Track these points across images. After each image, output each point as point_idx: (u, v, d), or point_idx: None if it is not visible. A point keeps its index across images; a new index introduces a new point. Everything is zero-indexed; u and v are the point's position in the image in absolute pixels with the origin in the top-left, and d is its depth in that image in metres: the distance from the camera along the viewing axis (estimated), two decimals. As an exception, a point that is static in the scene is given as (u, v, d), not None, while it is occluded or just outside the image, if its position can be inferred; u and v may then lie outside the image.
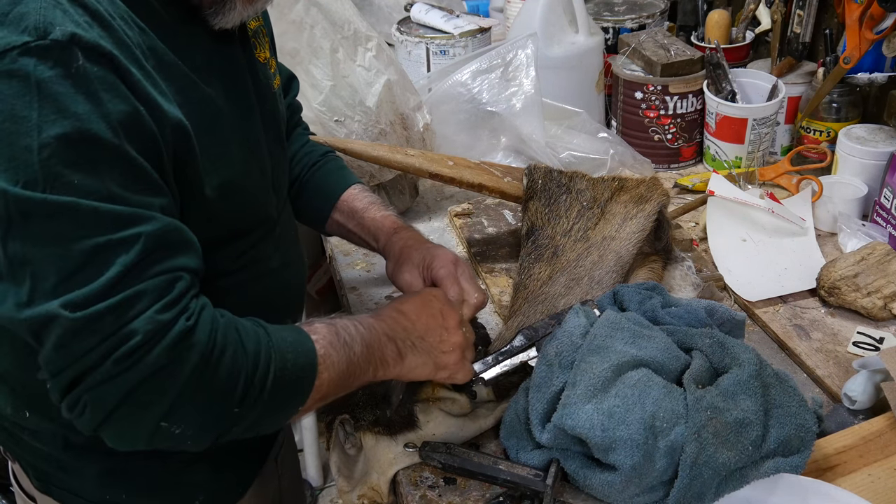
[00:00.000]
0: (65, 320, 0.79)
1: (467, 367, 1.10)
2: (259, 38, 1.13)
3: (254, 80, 1.08)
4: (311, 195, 1.33)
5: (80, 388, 0.81)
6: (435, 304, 1.09)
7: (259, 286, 1.10)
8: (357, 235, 1.32)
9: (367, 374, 1.00)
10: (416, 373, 1.06)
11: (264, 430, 0.95)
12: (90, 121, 0.80)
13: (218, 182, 0.97)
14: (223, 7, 0.96)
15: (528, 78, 1.72)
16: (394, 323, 1.05)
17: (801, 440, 1.01)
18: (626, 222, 1.37)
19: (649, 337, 1.08)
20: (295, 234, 1.24)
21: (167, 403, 0.82)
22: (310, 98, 1.58)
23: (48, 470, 1.10)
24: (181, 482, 1.09)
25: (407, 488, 1.09)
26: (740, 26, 1.96)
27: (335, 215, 1.32)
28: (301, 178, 1.33)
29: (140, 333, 0.80)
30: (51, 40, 0.79)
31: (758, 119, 1.71)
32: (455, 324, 1.08)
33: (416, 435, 1.12)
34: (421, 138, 1.69)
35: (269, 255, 1.11)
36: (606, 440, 0.97)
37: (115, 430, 0.84)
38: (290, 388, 0.92)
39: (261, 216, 1.09)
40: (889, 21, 1.55)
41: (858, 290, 1.34)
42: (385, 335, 1.03)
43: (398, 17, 2.11)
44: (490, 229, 1.61)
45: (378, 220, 1.28)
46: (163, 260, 0.84)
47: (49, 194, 0.79)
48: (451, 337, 1.07)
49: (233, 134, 1.01)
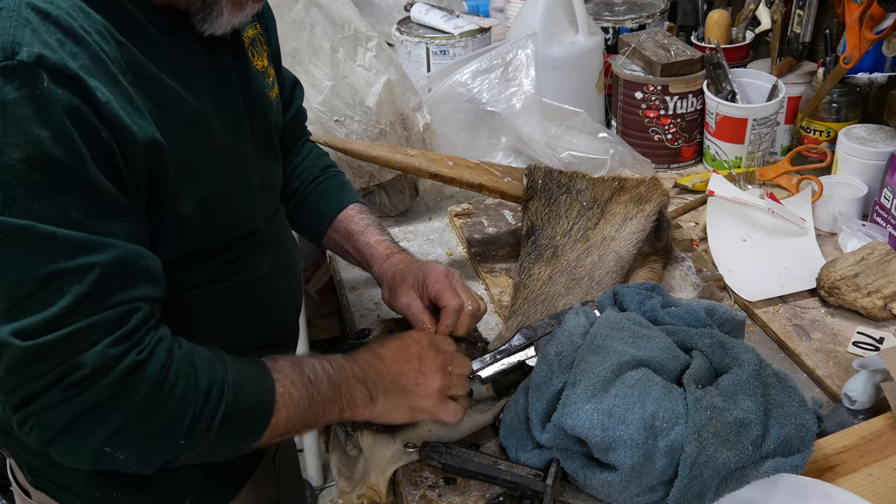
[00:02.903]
0: (15, 348, 0.80)
1: (451, 409, 1.08)
2: (257, 46, 1.12)
3: (245, 88, 1.07)
4: (308, 211, 1.32)
5: (28, 409, 0.83)
6: (413, 348, 1.08)
7: (248, 293, 1.09)
8: (352, 256, 1.31)
9: (333, 414, 1.00)
10: (389, 416, 1.06)
11: (216, 459, 0.97)
12: (52, 145, 0.80)
13: (198, 196, 0.96)
14: (210, 14, 0.95)
15: (528, 78, 1.73)
16: (366, 365, 1.04)
17: (801, 440, 1.01)
18: (626, 222, 1.37)
19: (649, 337, 1.08)
20: (286, 237, 1.23)
21: (109, 432, 0.84)
22: (310, 98, 1.58)
23: (41, 466, 1.11)
24: (171, 480, 1.09)
25: (407, 488, 1.09)
26: (740, 26, 1.96)
27: (331, 234, 1.31)
28: (300, 193, 1.33)
29: (88, 366, 0.82)
30: (17, 61, 0.79)
31: (758, 119, 1.71)
32: (434, 368, 1.06)
33: (413, 432, 1.12)
34: (421, 138, 1.69)
35: (256, 262, 1.11)
36: (606, 440, 0.97)
37: (60, 450, 0.86)
38: (241, 423, 0.93)
39: (246, 227, 1.08)
40: (889, 21, 1.55)
41: (858, 290, 1.34)
42: (354, 377, 1.02)
43: (398, 17, 2.11)
44: (490, 229, 1.61)
45: (372, 246, 1.27)
46: (119, 290, 0.84)
47: (7, 217, 0.80)
48: (427, 381, 1.06)
49: (218, 146, 1.00)
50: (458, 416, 1.09)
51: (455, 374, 1.09)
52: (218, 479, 1.16)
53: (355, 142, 1.51)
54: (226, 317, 1.07)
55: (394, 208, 1.72)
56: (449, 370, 1.08)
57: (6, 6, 0.82)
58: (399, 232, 1.67)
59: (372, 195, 1.69)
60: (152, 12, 0.93)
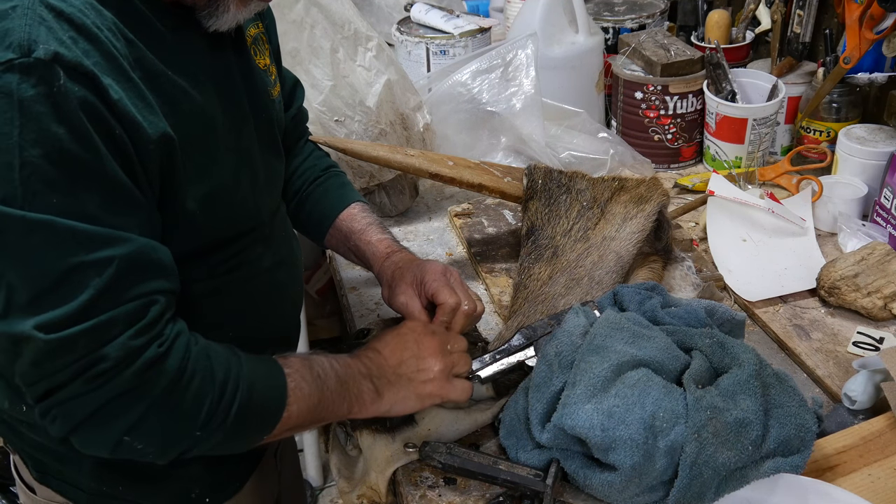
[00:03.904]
0: (39, 341, 0.82)
1: (458, 387, 1.10)
2: (259, 45, 1.13)
3: (249, 86, 1.07)
4: (310, 210, 1.33)
5: (51, 400, 0.85)
6: (410, 336, 1.10)
7: (251, 287, 1.10)
8: (353, 255, 1.32)
9: (342, 410, 1.03)
10: (399, 407, 1.08)
11: (228, 451, 0.99)
12: (70, 141, 0.81)
13: (203, 192, 0.97)
14: (216, 9, 0.96)
15: (528, 78, 1.73)
16: (369, 362, 1.06)
17: (801, 440, 1.01)
18: (626, 222, 1.37)
19: (649, 337, 1.08)
20: (287, 232, 1.24)
21: (130, 422, 0.86)
22: (310, 98, 1.58)
23: (46, 461, 1.12)
24: (175, 476, 1.10)
25: (407, 488, 1.09)
26: (740, 26, 1.96)
27: (333, 233, 1.32)
28: (302, 192, 1.34)
29: (111, 359, 0.83)
30: (34, 58, 0.80)
31: (758, 119, 1.71)
32: (432, 350, 1.08)
33: (412, 431, 1.12)
34: (421, 138, 1.69)
35: (259, 256, 1.11)
36: (606, 440, 0.97)
37: (81, 439, 0.89)
38: (255, 417, 0.95)
39: (250, 222, 1.09)
40: (889, 21, 1.55)
41: (858, 290, 1.34)
42: (360, 373, 1.05)
43: (398, 17, 2.11)
44: (490, 229, 1.61)
45: (373, 244, 1.28)
46: (136, 283, 0.86)
47: (27, 211, 0.81)
48: (428, 365, 1.08)
49: (224, 142, 1.01)
50: (466, 392, 1.10)
51: (455, 352, 1.11)
52: (221, 475, 1.17)
53: (355, 142, 1.51)
54: (229, 311, 1.08)
55: (394, 208, 1.72)
56: (448, 349, 1.10)
57: (20, 4, 0.83)
58: (399, 232, 1.67)
59: (372, 195, 1.69)
60: (159, 9, 0.93)
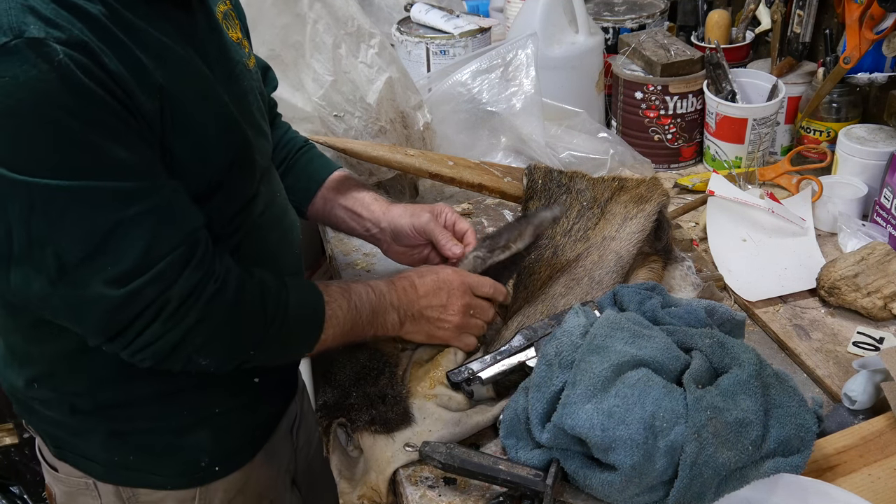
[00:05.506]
0: (113, 297, 0.91)
1: (464, 341, 1.22)
2: (229, 20, 1.16)
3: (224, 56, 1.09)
4: (297, 175, 1.37)
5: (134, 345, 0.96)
6: (445, 287, 1.20)
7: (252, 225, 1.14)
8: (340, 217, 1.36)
9: (368, 333, 1.17)
10: (411, 336, 1.21)
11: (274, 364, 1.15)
12: (84, 107, 0.85)
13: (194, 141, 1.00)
14: None
15: (528, 78, 1.72)
16: (402, 294, 1.18)
17: (801, 440, 1.01)
18: (626, 222, 1.37)
19: (649, 337, 1.08)
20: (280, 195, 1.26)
21: (199, 347, 0.99)
22: (310, 92, 1.58)
23: (61, 436, 1.17)
24: (183, 446, 1.17)
25: (407, 488, 1.09)
26: (740, 26, 1.96)
27: (323, 193, 1.36)
28: (287, 161, 1.38)
29: (176, 299, 0.94)
30: (27, 38, 0.83)
31: (758, 119, 1.71)
32: (456, 309, 1.20)
33: (412, 432, 1.12)
34: (421, 137, 1.69)
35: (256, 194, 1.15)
36: (606, 440, 0.97)
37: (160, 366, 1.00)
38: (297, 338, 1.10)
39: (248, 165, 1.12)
40: (889, 21, 1.55)
41: (858, 290, 1.34)
42: (391, 304, 1.17)
43: (398, 17, 2.11)
44: (490, 229, 1.61)
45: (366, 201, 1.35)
46: (179, 226, 0.95)
47: (61, 181, 0.86)
48: (449, 318, 1.20)
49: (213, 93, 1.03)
50: (470, 346, 1.23)
51: (474, 320, 1.22)
52: (229, 446, 1.21)
53: (355, 142, 1.51)
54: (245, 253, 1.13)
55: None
56: (471, 314, 1.21)
57: None
58: (399, 232, 1.67)
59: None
60: None
